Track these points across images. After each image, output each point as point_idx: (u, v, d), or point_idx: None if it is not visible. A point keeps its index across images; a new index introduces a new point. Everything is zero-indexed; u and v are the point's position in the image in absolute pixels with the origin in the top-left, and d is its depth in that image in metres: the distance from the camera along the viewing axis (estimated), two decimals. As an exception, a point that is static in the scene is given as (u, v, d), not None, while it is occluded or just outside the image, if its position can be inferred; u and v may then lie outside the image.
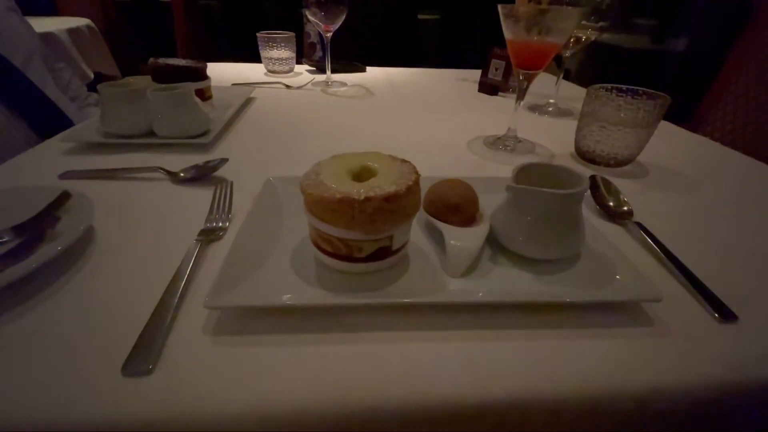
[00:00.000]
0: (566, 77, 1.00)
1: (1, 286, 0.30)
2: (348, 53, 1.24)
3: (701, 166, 0.65)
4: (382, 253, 0.34)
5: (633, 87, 0.61)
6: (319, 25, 0.92)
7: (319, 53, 1.65)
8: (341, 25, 0.94)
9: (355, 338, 0.30)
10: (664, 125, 0.57)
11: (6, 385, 0.25)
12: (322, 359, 0.28)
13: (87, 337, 0.29)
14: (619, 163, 0.60)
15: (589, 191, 0.50)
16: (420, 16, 2.30)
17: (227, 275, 0.31)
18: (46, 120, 0.79)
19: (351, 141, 0.70)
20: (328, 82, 1.03)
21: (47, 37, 1.54)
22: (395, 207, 0.31)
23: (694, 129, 0.84)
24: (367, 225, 0.31)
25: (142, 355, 0.27)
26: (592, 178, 0.52)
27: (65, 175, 0.51)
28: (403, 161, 0.36)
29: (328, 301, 0.32)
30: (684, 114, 1.26)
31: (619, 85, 0.61)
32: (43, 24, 1.55)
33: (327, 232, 0.32)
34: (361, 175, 0.35)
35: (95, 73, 1.79)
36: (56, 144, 0.60)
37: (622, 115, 0.56)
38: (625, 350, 0.30)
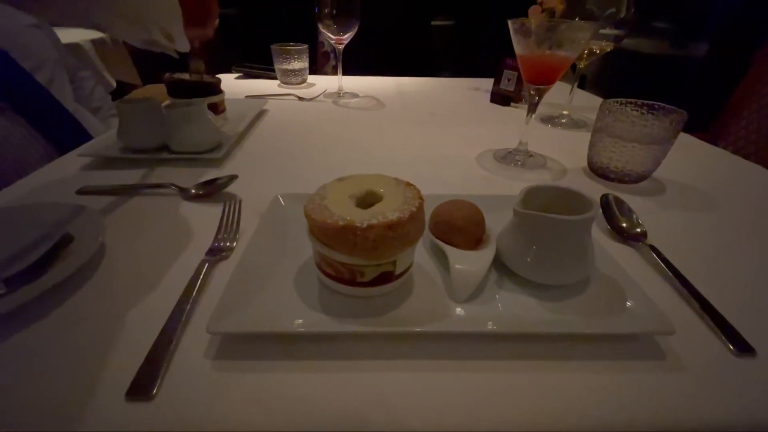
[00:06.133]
0: (582, 83, 0.98)
1: (13, 306, 0.31)
2: (361, 62, 1.24)
3: (721, 182, 0.62)
4: (385, 277, 0.33)
5: (648, 102, 0.59)
6: (331, 38, 0.93)
7: (332, 62, 1.67)
8: (354, 35, 0.95)
9: (356, 366, 0.30)
10: (682, 137, 0.56)
11: (8, 406, 0.26)
12: (322, 386, 0.28)
13: (92, 358, 0.30)
14: (634, 179, 0.59)
15: (600, 211, 0.49)
16: (434, 23, 2.30)
17: (230, 299, 0.32)
18: (64, 135, 0.81)
19: (360, 154, 0.70)
20: (339, 94, 1.04)
21: (73, 48, 1.60)
22: (398, 234, 0.31)
23: (712, 139, 0.82)
24: (369, 252, 0.31)
25: (146, 380, 0.28)
26: (605, 197, 0.51)
27: (81, 191, 0.52)
28: (408, 184, 0.36)
29: (330, 328, 0.32)
30: (702, 123, 1.22)
31: (635, 100, 0.60)
32: (69, 35, 1.61)
33: (330, 257, 0.33)
34: (366, 199, 0.35)
35: (117, 82, 1.84)
36: (74, 158, 0.62)
37: (636, 131, 0.55)
38: (635, 384, 0.29)
